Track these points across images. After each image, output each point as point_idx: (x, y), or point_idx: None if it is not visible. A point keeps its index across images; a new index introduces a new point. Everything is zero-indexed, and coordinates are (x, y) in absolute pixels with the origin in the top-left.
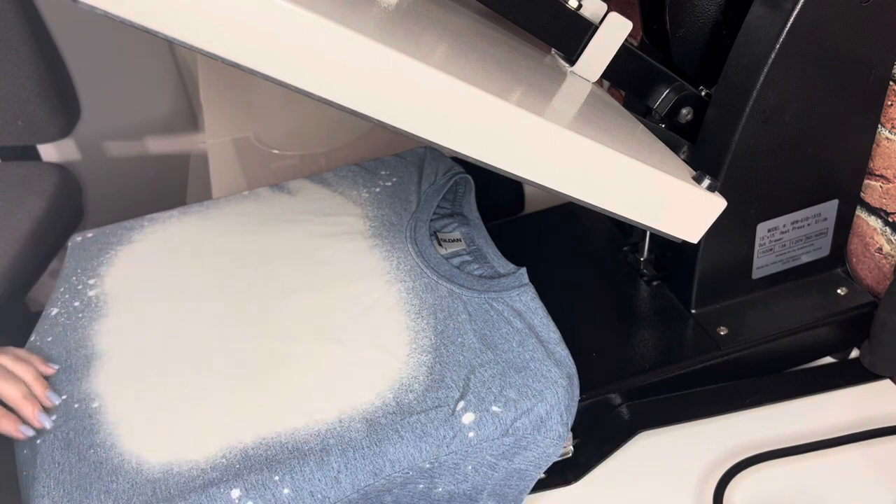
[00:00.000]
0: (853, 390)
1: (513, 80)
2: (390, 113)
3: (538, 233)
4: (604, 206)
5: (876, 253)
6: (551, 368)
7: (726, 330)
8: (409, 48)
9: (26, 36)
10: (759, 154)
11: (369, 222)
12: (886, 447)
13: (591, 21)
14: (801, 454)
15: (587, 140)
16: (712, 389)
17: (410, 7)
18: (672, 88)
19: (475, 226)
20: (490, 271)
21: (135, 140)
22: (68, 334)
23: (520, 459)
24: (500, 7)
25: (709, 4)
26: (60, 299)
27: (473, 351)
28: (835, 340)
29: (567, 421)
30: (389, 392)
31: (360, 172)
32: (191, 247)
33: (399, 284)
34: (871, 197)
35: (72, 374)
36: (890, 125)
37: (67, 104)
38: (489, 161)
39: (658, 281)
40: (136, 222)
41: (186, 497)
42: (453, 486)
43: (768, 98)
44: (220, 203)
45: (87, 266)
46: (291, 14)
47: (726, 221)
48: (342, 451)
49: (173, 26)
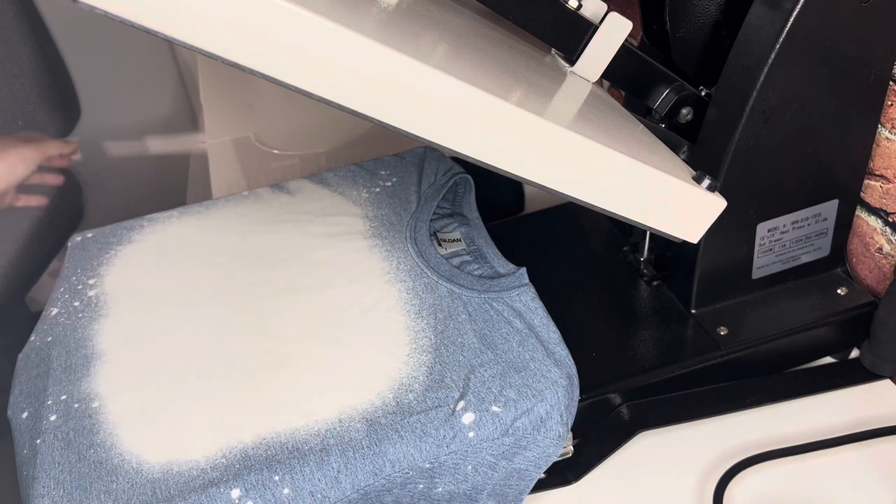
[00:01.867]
0: (853, 390)
1: (513, 80)
2: (390, 113)
3: (538, 233)
4: (604, 206)
5: (876, 253)
6: (551, 368)
7: (726, 330)
8: (409, 48)
9: (26, 36)
10: (759, 154)
11: (369, 222)
12: (886, 447)
13: (591, 21)
14: (801, 454)
15: (587, 140)
16: (712, 389)
17: (410, 7)
18: (672, 88)
19: (475, 226)
20: (490, 271)
21: (135, 140)
22: (68, 334)
23: (520, 459)
24: (500, 7)
25: (709, 4)
26: (60, 299)
27: (473, 351)
28: (835, 340)
29: (567, 421)
30: (389, 392)
31: (360, 172)
32: (191, 247)
33: (399, 284)
34: (871, 197)
35: (72, 374)
36: (890, 125)
37: (67, 104)
38: (489, 161)
39: (658, 281)
40: (136, 222)
41: (186, 497)
42: (453, 486)
43: (768, 98)
44: (220, 203)
45: (87, 266)
46: (291, 14)
47: (726, 221)
48: (342, 451)
49: (173, 26)
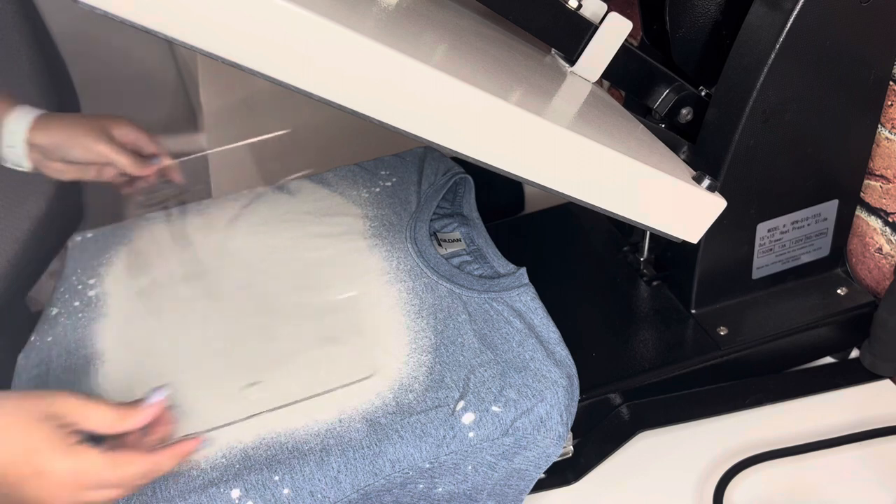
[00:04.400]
0: (853, 390)
1: (513, 80)
2: (390, 113)
3: (538, 233)
4: (604, 206)
5: (876, 253)
6: (551, 368)
7: (726, 330)
8: (409, 48)
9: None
10: (759, 154)
11: (369, 222)
12: (886, 447)
13: (591, 21)
14: (801, 454)
15: (587, 140)
16: (712, 389)
17: (410, 7)
18: (672, 88)
19: (475, 226)
20: (490, 271)
21: None
22: (68, 334)
23: (520, 459)
24: (500, 7)
25: (709, 4)
26: (60, 299)
27: (473, 351)
28: (835, 340)
29: (567, 421)
30: (389, 392)
31: (360, 172)
32: (191, 247)
33: (399, 284)
34: (871, 197)
35: (72, 374)
36: (890, 125)
37: (67, 104)
38: (489, 161)
39: (658, 281)
40: (136, 222)
41: (186, 497)
42: (453, 486)
43: (768, 98)
44: (220, 203)
45: (87, 266)
46: (291, 14)
47: (726, 221)
48: (342, 451)
49: (173, 26)
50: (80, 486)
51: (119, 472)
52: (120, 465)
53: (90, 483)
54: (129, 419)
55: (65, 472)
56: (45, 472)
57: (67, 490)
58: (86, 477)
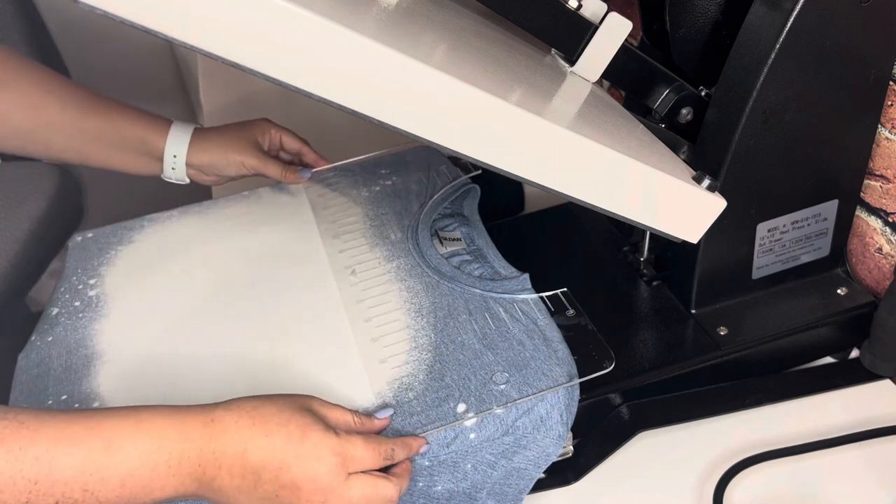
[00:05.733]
0: (853, 390)
1: (513, 80)
2: (390, 113)
3: (538, 233)
4: (604, 206)
5: (876, 253)
6: (552, 367)
7: (726, 330)
8: (409, 48)
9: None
10: (759, 154)
11: (369, 222)
12: (886, 447)
13: (591, 21)
14: (801, 454)
15: (587, 140)
16: (712, 389)
17: (410, 7)
18: (672, 88)
19: (475, 226)
20: (490, 271)
21: None
22: (68, 334)
23: (520, 458)
24: (500, 7)
25: (709, 4)
26: (60, 299)
27: (473, 350)
28: (835, 340)
29: (567, 420)
30: (389, 391)
31: (360, 172)
32: (191, 247)
33: (399, 283)
34: (871, 197)
35: (72, 374)
36: (890, 125)
37: None
38: (489, 161)
39: (658, 281)
40: (136, 222)
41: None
42: (452, 485)
43: (768, 98)
44: (220, 203)
45: (88, 266)
46: (291, 14)
47: (726, 221)
48: None
49: (173, 26)
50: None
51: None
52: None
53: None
54: (366, 424)
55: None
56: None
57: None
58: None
